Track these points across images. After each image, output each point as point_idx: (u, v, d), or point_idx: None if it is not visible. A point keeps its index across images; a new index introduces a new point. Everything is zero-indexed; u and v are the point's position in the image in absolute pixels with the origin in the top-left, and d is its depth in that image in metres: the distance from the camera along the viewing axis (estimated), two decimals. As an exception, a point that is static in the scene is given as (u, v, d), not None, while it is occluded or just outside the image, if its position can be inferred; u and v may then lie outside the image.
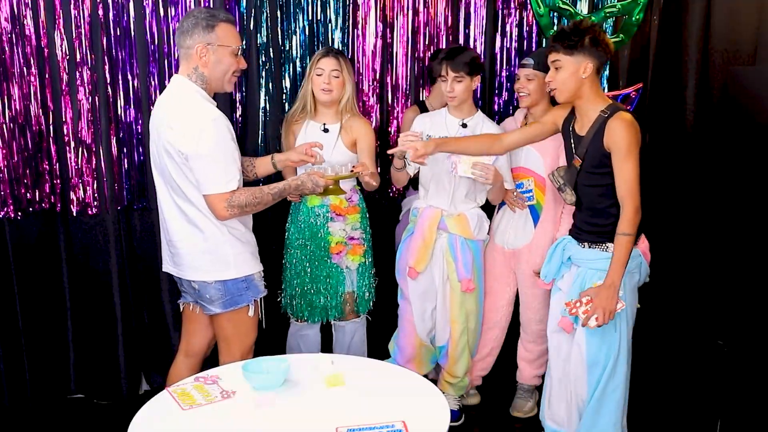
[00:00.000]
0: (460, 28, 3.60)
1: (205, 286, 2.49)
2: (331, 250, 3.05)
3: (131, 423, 1.98)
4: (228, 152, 2.37)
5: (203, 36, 2.37)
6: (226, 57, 2.42)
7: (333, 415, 2.00)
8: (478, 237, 3.03)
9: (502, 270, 3.16)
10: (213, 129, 2.34)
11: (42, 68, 3.12)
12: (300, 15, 3.46)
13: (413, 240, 3.04)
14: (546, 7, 3.41)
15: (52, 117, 3.16)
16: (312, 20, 3.48)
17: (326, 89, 2.94)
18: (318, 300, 3.11)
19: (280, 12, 3.41)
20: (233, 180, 2.38)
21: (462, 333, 3.09)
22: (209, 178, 2.36)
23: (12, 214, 3.15)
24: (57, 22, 3.09)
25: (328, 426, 1.92)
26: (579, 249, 2.56)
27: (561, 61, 2.40)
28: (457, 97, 2.88)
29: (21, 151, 3.14)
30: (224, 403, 2.10)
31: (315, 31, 3.50)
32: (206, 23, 2.37)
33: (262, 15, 3.37)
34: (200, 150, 2.32)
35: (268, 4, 3.36)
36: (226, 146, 2.36)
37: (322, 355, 2.35)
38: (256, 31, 3.38)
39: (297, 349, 3.20)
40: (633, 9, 3.55)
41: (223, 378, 2.25)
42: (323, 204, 3.04)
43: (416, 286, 3.08)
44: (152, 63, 3.24)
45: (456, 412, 3.20)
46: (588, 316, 2.40)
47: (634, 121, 2.39)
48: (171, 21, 3.24)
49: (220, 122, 2.36)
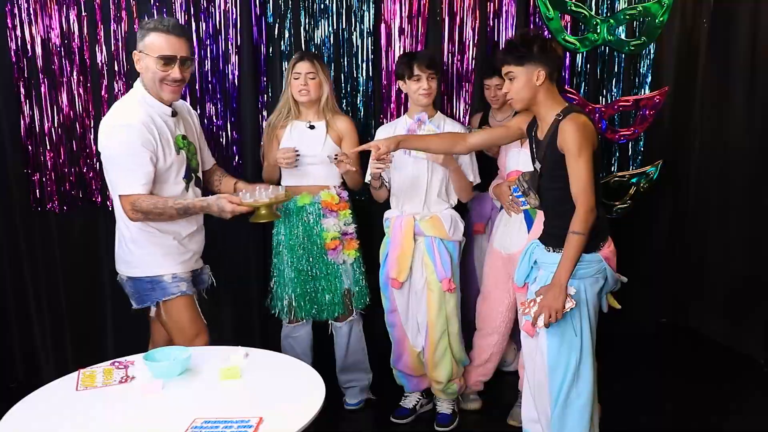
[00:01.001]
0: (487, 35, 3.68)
1: (121, 279, 2.70)
2: (327, 246, 3.12)
3: (24, 398, 2.11)
4: (135, 157, 2.47)
5: (139, 43, 2.56)
6: (151, 64, 2.54)
7: (201, 406, 2.03)
8: (453, 237, 3.07)
9: (502, 275, 3.15)
10: (123, 133, 2.47)
11: (85, 78, 3.46)
12: (323, 22, 3.64)
13: (391, 251, 3.09)
14: (556, 11, 3.39)
15: (93, 122, 3.51)
16: (336, 28, 3.65)
17: (303, 91, 3.07)
18: (324, 297, 3.20)
19: (305, 19, 3.59)
20: (136, 184, 2.47)
21: (441, 336, 3.09)
22: (114, 180, 2.53)
23: (57, 209, 3.53)
24: (98, 37, 3.42)
25: (189, 416, 1.96)
26: (544, 253, 2.57)
27: (513, 73, 2.45)
28: (432, 94, 2.97)
29: (67, 152, 3.50)
30: (116, 388, 2.17)
31: (340, 39, 3.67)
32: (143, 32, 2.55)
33: (287, 22, 3.58)
34: (108, 151, 2.51)
35: (292, 12, 3.56)
36: (134, 151, 2.46)
37: (239, 348, 2.41)
38: (280, 39, 3.59)
39: (291, 351, 3.22)
40: (656, 11, 3.47)
41: (136, 364, 2.29)
42: (314, 202, 3.14)
43: (401, 297, 3.13)
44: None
45: (448, 416, 3.21)
46: (536, 315, 2.41)
47: (587, 122, 2.40)
48: (203, 37, 3.51)
49: (134, 128, 2.48)
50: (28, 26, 3.36)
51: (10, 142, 3.46)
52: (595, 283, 2.47)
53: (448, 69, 3.74)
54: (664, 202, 4.11)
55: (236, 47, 3.55)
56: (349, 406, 3.39)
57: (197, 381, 2.22)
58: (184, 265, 2.68)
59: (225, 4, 3.50)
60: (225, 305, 3.72)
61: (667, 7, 3.46)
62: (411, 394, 3.33)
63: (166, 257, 2.62)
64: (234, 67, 3.57)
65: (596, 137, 2.42)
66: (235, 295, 3.76)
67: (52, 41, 3.41)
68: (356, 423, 3.34)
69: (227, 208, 2.50)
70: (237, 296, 3.77)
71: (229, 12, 3.51)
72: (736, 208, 3.93)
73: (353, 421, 3.34)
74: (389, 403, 3.38)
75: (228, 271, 3.63)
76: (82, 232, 3.61)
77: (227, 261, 3.66)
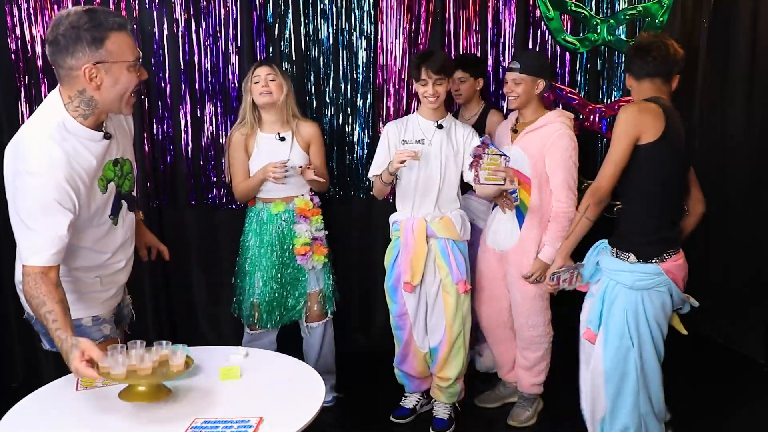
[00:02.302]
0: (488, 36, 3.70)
1: (29, 317, 2.23)
2: (297, 251, 3.11)
3: (24, 398, 2.08)
4: (50, 217, 1.87)
5: (90, 53, 1.87)
6: (123, 75, 1.93)
7: (201, 406, 2.00)
8: (464, 237, 3.05)
9: (498, 272, 3.15)
10: (31, 182, 1.86)
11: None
12: (324, 24, 3.65)
13: (403, 255, 3.03)
14: (556, 11, 3.40)
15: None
16: (336, 29, 3.66)
17: (265, 92, 3.03)
18: (289, 303, 3.20)
19: (305, 20, 3.60)
20: (35, 256, 1.87)
21: (459, 335, 3.08)
22: (18, 238, 1.92)
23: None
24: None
25: (190, 415, 1.94)
26: (609, 257, 2.57)
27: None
28: (439, 98, 2.93)
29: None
30: (116, 388, 2.02)
31: (339, 40, 3.68)
32: (92, 36, 1.86)
33: (286, 23, 3.58)
34: (17, 203, 1.89)
35: (292, 12, 3.56)
36: (49, 210, 1.86)
37: (239, 348, 2.40)
38: (280, 39, 3.60)
39: None
40: (656, 11, 3.47)
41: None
42: (288, 210, 3.13)
43: (412, 301, 3.09)
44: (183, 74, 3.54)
45: (445, 422, 3.17)
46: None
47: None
48: (203, 37, 3.51)
49: (53, 179, 1.86)
50: (28, 26, 3.36)
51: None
52: (657, 297, 2.46)
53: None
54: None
55: (236, 47, 3.55)
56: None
57: (197, 381, 2.21)
58: (106, 304, 2.21)
59: (225, 4, 3.51)
60: (225, 305, 3.72)
61: (667, 7, 3.47)
62: (411, 394, 3.32)
63: (85, 296, 2.13)
64: (234, 68, 3.57)
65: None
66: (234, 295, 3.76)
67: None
68: (356, 421, 3.34)
69: (73, 364, 1.79)
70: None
71: (229, 12, 3.52)
72: (736, 208, 3.93)
73: (353, 420, 3.35)
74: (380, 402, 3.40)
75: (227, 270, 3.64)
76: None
77: (227, 261, 3.67)
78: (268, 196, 3.14)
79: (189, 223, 3.72)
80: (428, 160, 2.97)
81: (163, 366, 2.01)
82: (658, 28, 3.49)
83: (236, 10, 3.51)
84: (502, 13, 3.68)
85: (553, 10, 3.40)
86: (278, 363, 2.41)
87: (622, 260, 2.48)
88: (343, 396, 3.46)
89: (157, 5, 3.44)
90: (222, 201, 3.69)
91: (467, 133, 3.03)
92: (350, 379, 3.54)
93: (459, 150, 3.00)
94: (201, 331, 3.79)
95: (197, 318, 3.83)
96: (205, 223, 3.73)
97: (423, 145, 2.98)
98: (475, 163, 2.77)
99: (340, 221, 3.72)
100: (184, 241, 3.71)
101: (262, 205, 3.15)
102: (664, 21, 3.49)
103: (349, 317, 3.64)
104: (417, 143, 2.99)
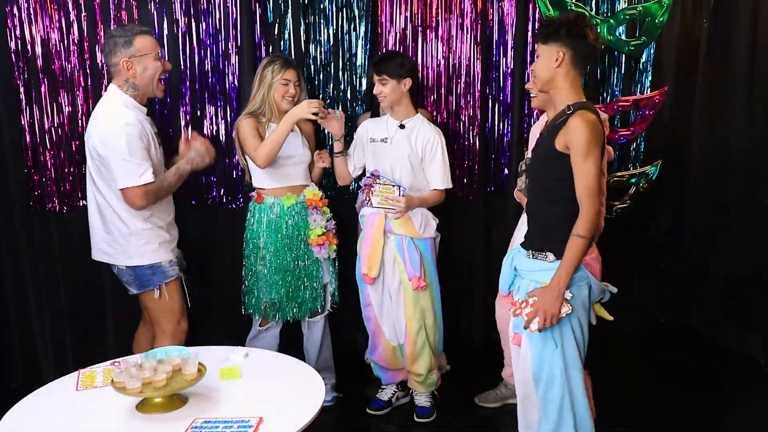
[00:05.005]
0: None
1: (120, 270, 2.90)
2: (315, 242, 3.16)
3: (24, 398, 2.13)
4: (137, 152, 2.71)
5: (124, 51, 2.74)
6: (150, 63, 2.78)
7: (202, 406, 2.03)
8: (424, 235, 3.14)
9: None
10: (123, 132, 2.69)
11: (85, 78, 3.45)
12: (323, 25, 3.64)
13: (363, 247, 3.17)
14: (556, 11, 3.40)
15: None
16: (336, 30, 3.65)
17: (289, 98, 3.13)
18: (305, 294, 3.22)
19: (305, 19, 3.59)
20: (146, 174, 2.72)
21: (419, 330, 3.18)
22: (124, 174, 2.71)
23: (57, 209, 3.53)
24: (98, 37, 3.40)
25: (190, 415, 1.98)
26: (525, 259, 2.46)
27: (538, 50, 2.39)
28: (386, 98, 3.05)
29: (67, 152, 3.50)
30: (118, 387, 2.06)
31: (339, 40, 3.67)
32: (124, 40, 2.74)
33: (286, 23, 3.58)
34: (113, 151, 2.69)
35: (291, 13, 3.56)
36: (138, 146, 2.72)
37: (239, 348, 2.44)
38: (280, 39, 3.60)
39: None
40: (656, 11, 3.47)
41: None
42: (298, 202, 3.17)
43: (374, 293, 3.21)
44: (183, 74, 3.54)
45: (428, 409, 3.28)
46: (530, 318, 2.31)
47: (596, 122, 2.27)
48: (203, 37, 3.52)
49: (132, 127, 2.72)
50: (28, 26, 3.36)
51: (10, 142, 3.45)
52: (581, 291, 2.34)
53: (447, 70, 3.75)
54: (663, 202, 4.11)
55: (236, 47, 3.55)
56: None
57: (197, 381, 2.22)
58: (174, 252, 2.98)
59: (225, 4, 3.50)
60: (225, 305, 3.72)
61: (667, 7, 3.47)
62: (387, 386, 3.41)
63: (162, 246, 2.90)
64: (234, 68, 3.57)
65: (604, 138, 2.31)
66: (235, 295, 3.75)
67: (52, 41, 3.41)
68: (356, 421, 3.34)
69: (202, 150, 2.90)
70: (237, 296, 3.76)
71: (229, 12, 3.52)
72: (736, 208, 3.93)
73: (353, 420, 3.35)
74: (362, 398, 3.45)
75: (227, 270, 3.64)
76: (82, 232, 3.58)
77: (227, 261, 3.67)
78: (278, 185, 3.17)
79: (189, 223, 3.71)
80: (386, 158, 3.12)
81: (176, 376, 2.07)
82: (657, 28, 3.50)
83: (236, 10, 3.51)
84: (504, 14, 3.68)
85: (553, 10, 3.40)
86: (278, 363, 2.42)
87: (541, 260, 2.40)
88: (343, 396, 3.47)
89: (157, 5, 3.44)
90: (222, 201, 3.69)
91: (429, 138, 3.12)
92: (350, 379, 3.56)
93: (416, 152, 3.12)
94: (201, 331, 3.78)
95: (197, 318, 3.82)
96: (206, 224, 3.73)
97: (385, 143, 3.12)
98: (367, 191, 3.09)
99: (338, 220, 3.71)
100: (184, 241, 3.70)
101: (273, 200, 3.16)
102: (663, 21, 3.49)
103: (349, 317, 3.64)
104: (381, 141, 3.14)
